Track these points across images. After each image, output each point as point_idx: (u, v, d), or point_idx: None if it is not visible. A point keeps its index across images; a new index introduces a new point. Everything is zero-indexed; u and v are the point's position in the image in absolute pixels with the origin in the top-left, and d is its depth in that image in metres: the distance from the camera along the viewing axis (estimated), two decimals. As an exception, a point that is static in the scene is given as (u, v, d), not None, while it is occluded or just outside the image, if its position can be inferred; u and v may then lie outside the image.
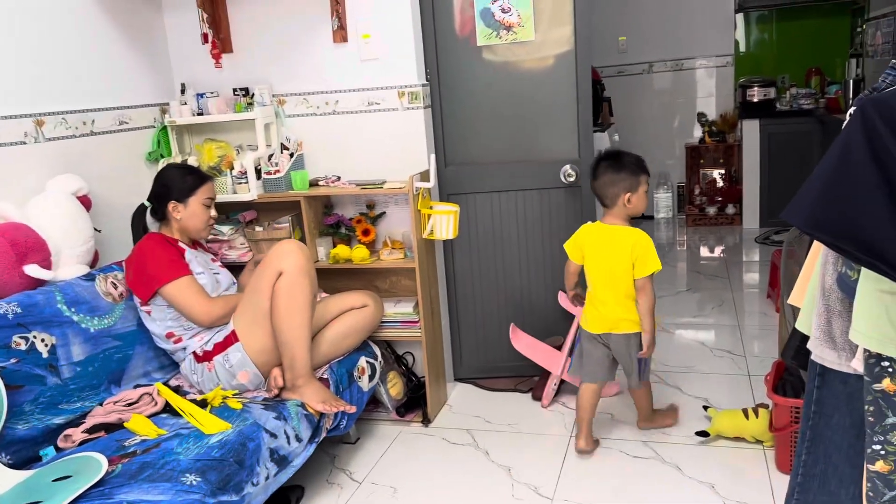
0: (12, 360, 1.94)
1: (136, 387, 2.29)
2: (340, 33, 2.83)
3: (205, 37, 2.94)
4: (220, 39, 2.96)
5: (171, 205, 2.46)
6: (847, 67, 5.54)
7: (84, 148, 2.59)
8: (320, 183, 2.90)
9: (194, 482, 1.77)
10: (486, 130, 3.02)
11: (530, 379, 3.17)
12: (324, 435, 2.33)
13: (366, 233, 2.91)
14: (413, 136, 2.87)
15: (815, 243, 1.34)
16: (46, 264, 2.18)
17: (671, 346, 3.45)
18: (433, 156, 2.76)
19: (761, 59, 5.94)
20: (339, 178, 2.92)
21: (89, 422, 2.05)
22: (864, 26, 3.20)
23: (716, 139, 5.98)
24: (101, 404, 2.16)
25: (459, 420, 2.88)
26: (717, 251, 5.24)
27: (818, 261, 1.28)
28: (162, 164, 2.89)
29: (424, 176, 2.80)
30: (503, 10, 2.88)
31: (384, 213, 2.96)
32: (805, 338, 1.41)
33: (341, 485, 2.48)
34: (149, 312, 2.38)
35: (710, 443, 2.55)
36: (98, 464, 1.74)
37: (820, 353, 1.27)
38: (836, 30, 5.68)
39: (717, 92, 6.08)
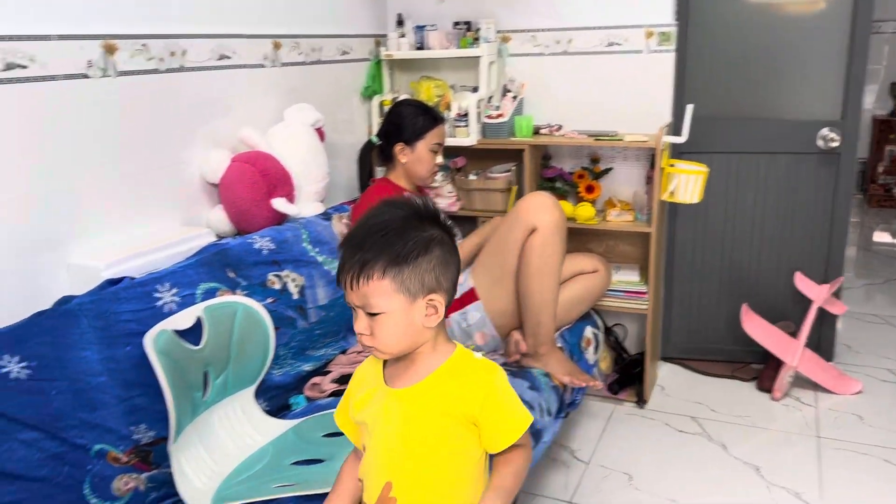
0: (269, 300, 1.78)
1: (367, 338, 2.12)
2: (584, -37, 2.52)
3: (430, -37, 2.70)
4: (443, -34, 2.70)
5: (399, 146, 2.25)
6: None
7: (310, 76, 2.40)
8: (542, 131, 2.64)
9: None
10: (733, 81, 2.65)
11: (748, 366, 2.85)
12: (566, 411, 2.10)
13: (589, 189, 2.64)
14: (656, 83, 2.55)
15: None
16: (291, 199, 2.01)
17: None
18: (691, 106, 2.41)
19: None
20: (559, 126, 2.64)
21: (336, 371, 1.89)
22: None
23: (911, 112, 5.35)
24: (343, 352, 1.99)
25: (678, 404, 2.60)
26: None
27: None
28: (376, 100, 2.69)
29: (669, 129, 2.49)
30: (773, -56, 2.50)
31: (611, 168, 2.66)
32: None
33: (566, 463, 2.26)
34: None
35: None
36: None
37: None
38: None
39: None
